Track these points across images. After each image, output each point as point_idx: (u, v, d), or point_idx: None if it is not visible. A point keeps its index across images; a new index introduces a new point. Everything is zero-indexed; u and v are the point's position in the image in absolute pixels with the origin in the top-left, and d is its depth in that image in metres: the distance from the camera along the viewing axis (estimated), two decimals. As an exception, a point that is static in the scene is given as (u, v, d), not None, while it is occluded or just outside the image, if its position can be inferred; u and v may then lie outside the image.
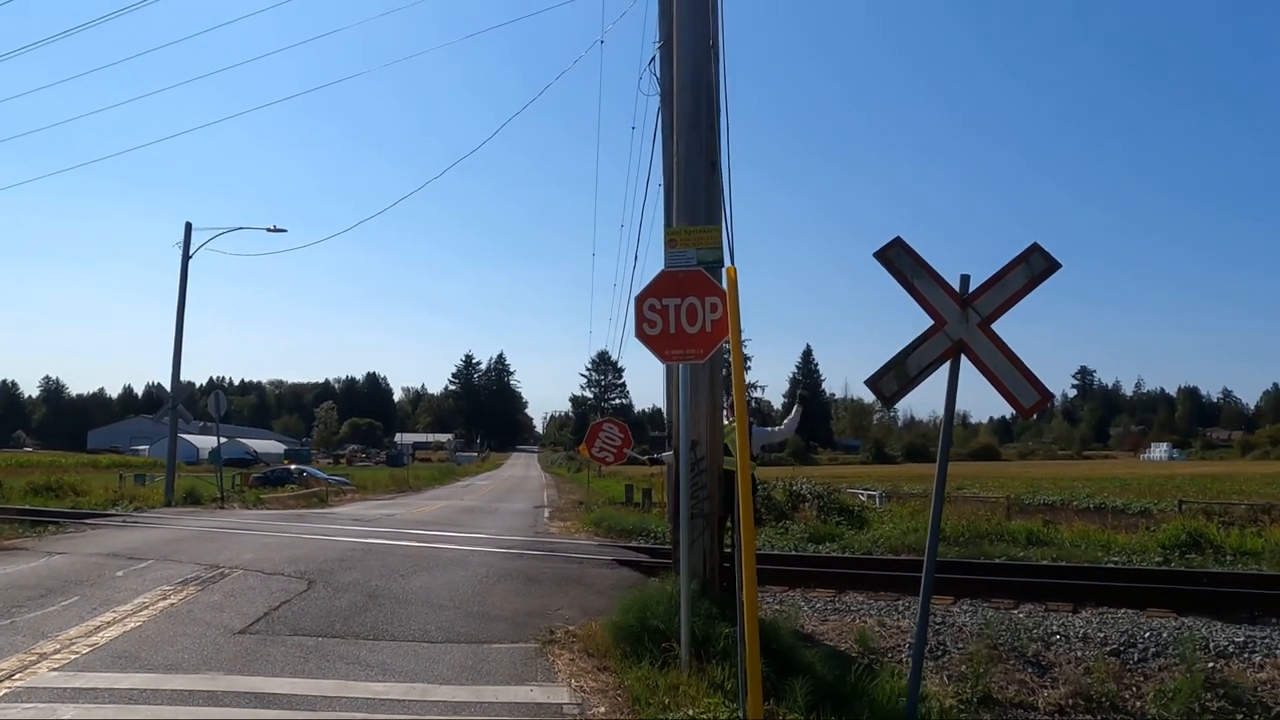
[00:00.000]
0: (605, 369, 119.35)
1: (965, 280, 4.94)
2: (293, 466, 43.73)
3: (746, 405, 4.97)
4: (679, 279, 5.72)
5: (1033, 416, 5.40)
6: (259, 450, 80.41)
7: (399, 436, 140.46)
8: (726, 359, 7.81)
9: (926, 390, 5.01)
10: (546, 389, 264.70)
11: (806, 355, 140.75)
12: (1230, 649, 6.47)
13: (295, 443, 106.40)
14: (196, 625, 6.57)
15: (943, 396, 4.93)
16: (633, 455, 12.40)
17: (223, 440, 25.12)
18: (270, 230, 25.35)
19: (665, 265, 6.74)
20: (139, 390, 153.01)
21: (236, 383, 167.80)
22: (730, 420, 7.34)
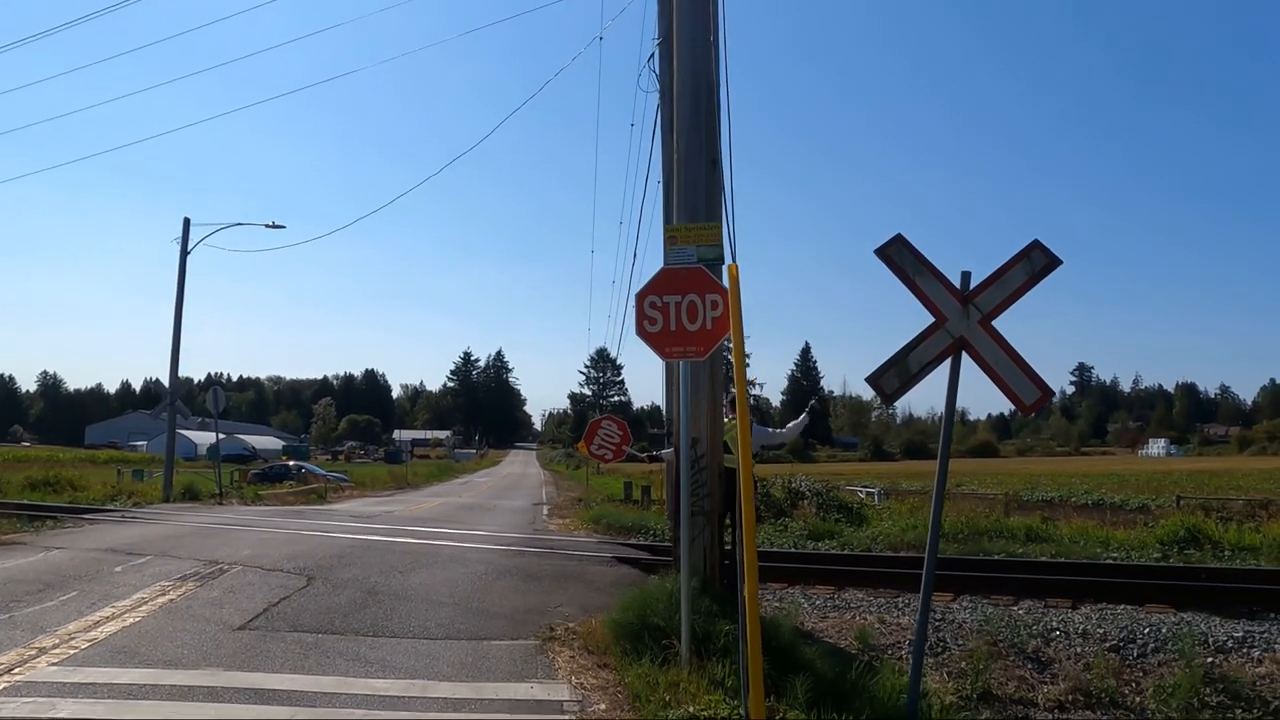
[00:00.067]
0: (604, 366, 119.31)
1: (966, 277, 4.93)
2: (291, 463, 43.72)
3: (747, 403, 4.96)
4: (680, 276, 5.72)
5: (1034, 414, 5.39)
6: (257, 446, 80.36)
7: (397, 433, 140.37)
8: (726, 357, 7.81)
9: (925, 387, 5.02)
10: (545, 386, 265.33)
11: (805, 353, 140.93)
12: (1229, 644, 6.49)
13: (294, 439, 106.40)
14: (196, 621, 6.57)
15: (941, 394, 4.92)
16: (631, 452, 12.36)
17: (221, 436, 25.10)
18: (269, 226, 25.33)
19: (665, 262, 6.73)
20: (137, 386, 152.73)
21: (235, 379, 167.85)
22: (730, 418, 7.34)
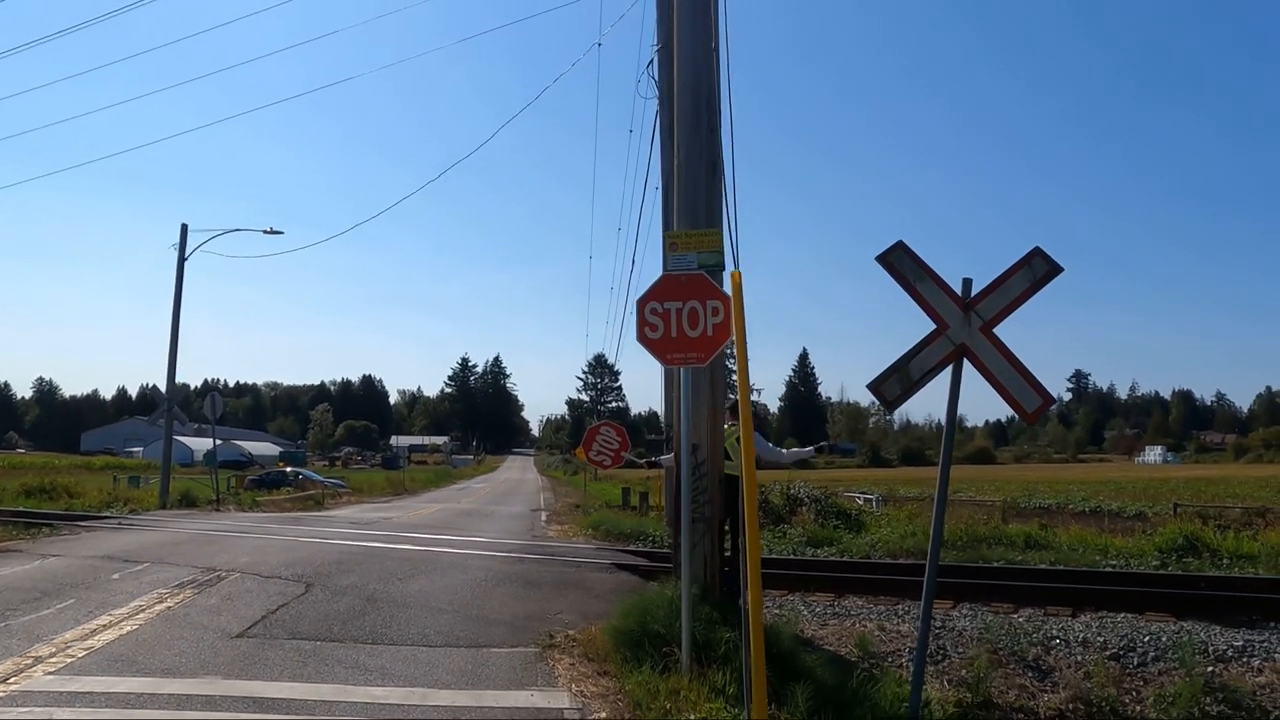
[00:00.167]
0: (601, 372, 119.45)
1: (967, 284, 4.93)
2: (288, 469, 43.67)
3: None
4: (680, 282, 5.72)
5: (1036, 421, 5.40)
6: (254, 453, 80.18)
7: (395, 439, 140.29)
8: (725, 363, 7.81)
9: (923, 394, 5.00)
10: (543, 392, 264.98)
11: (803, 359, 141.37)
12: (1229, 653, 6.47)
13: (290, 445, 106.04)
14: (193, 629, 6.53)
15: (939, 400, 4.93)
16: (630, 458, 12.35)
17: (218, 442, 25.02)
18: (267, 232, 25.30)
19: (666, 268, 6.72)
20: (133, 392, 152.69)
21: (231, 385, 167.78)
22: (730, 424, 7.33)
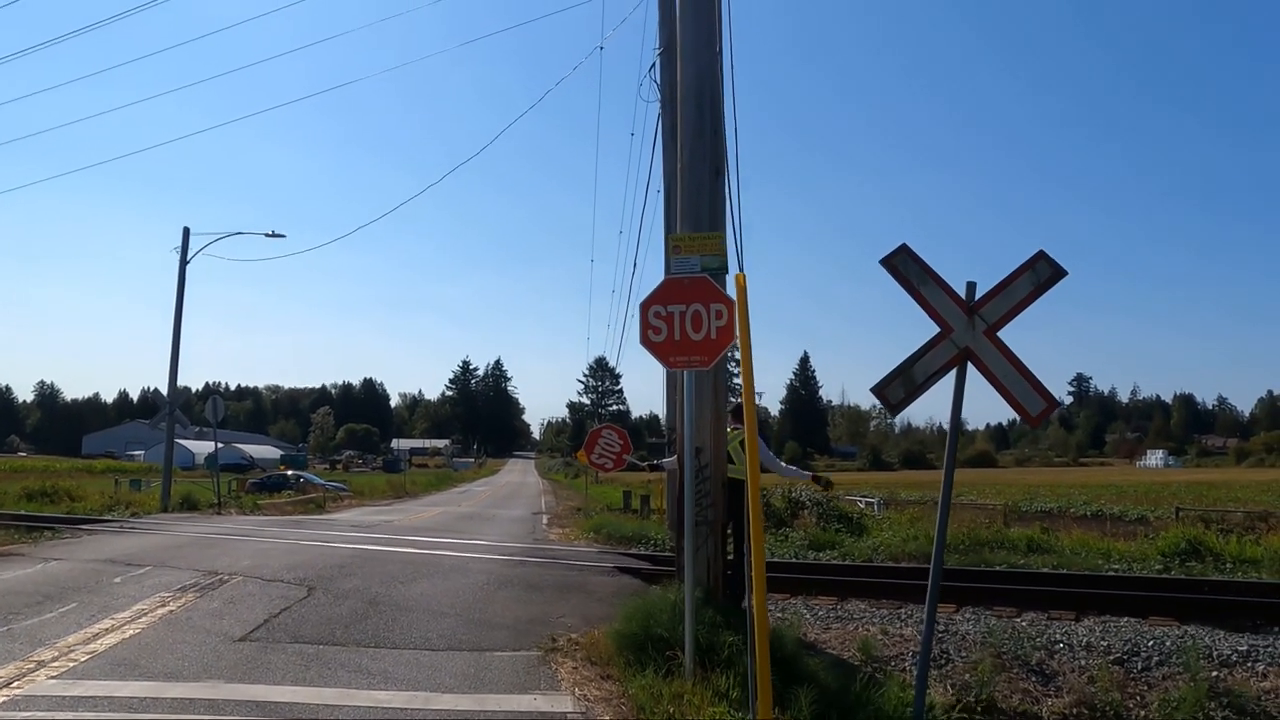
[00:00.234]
0: (603, 375, 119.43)
1: (971, 287, 4.93)
2: (289, 472, 43.62)
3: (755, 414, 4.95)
4: (684, 285, 5.71)
5: (1040, 424, 5.39)
6: (255, 456, 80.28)
7: (395, 442, 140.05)
8: (727, 367, 7.80)
9: (923, 397, 5.00)
10: (544, 395, 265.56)
11: (804, 362, 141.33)
12: (1234, 658, 6.46)
13: (291, 448, 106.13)
14: (196, 633, 6.52)
15: (941, 403, 4.92)
16: (633, 461, 12.34)
17: (219, 446, 25.03)
18: (268, 235, 25.35)
19: (668, 271, 6.71)
20: (134, 395, 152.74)
21: (233, 388, 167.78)
22: (733, 427, 7.32)
